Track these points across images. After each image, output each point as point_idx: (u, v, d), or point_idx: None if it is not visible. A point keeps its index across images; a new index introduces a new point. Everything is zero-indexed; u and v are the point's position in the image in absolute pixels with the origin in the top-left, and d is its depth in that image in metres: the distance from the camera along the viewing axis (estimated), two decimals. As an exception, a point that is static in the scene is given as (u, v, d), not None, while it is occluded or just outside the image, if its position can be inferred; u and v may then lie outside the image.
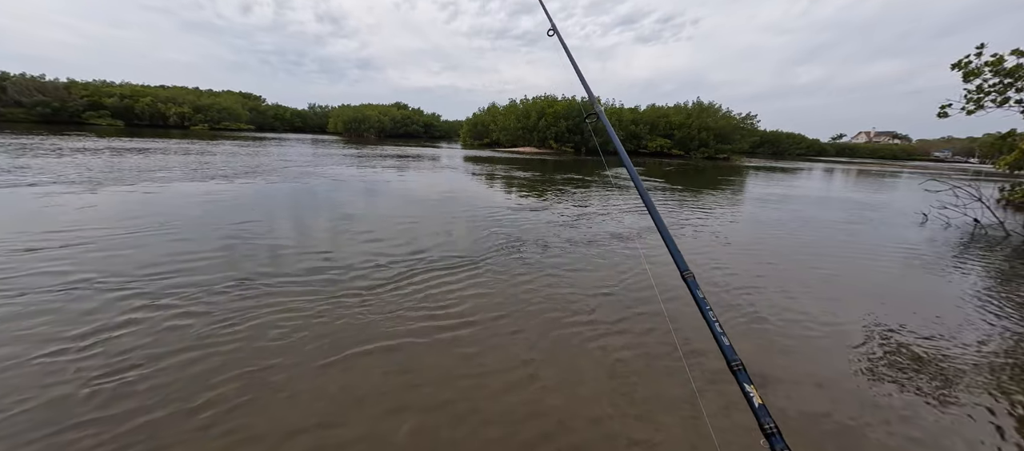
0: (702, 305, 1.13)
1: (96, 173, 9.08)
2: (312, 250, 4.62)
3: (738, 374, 0.99)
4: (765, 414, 0.92)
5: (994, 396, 2.55)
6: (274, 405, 2.15)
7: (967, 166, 48.06)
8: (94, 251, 4.18)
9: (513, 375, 2.52)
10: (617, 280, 4.18)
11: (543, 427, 2.11)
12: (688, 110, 38.50)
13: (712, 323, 1.09)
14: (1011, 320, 3.74)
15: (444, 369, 2.54)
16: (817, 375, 2.69)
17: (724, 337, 1.06)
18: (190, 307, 3.11)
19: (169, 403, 2.11)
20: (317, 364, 2.51)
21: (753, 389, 0.96)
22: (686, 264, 1.25)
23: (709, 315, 1.11)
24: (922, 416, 2.33)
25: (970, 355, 3.05)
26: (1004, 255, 6.21)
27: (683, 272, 1.23)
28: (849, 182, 19.75)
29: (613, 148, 1.72)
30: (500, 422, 2.13)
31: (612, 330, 3.13)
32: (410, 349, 2.73)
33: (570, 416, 2.19)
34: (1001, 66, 8.80)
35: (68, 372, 2.30)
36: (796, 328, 3.35)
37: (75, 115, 41.00)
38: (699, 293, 1.17)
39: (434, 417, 2.14)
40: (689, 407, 2.29)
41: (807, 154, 65.42)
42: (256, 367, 2.44)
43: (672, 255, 1.30)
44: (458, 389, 2.36)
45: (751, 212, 9.02)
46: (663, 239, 1.35)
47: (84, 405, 2.07)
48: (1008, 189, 12.52)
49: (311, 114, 67.46)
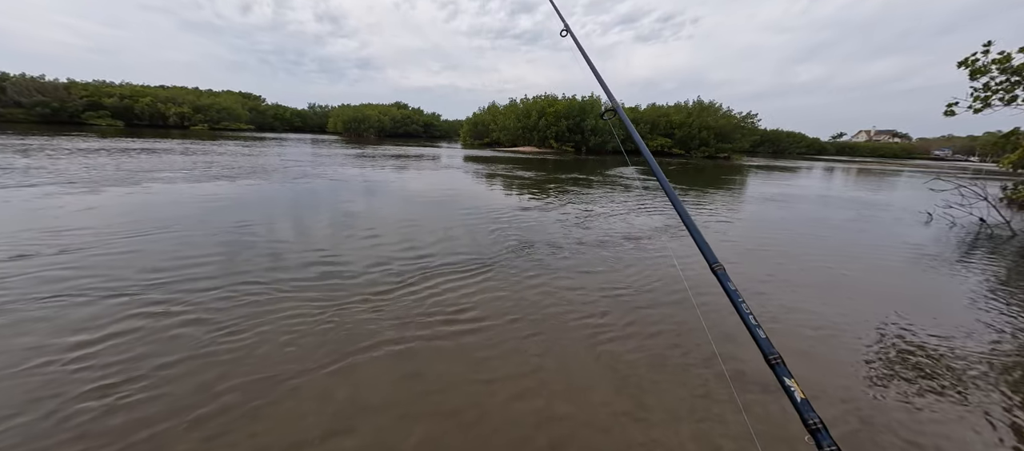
0: (734, 297, 1.07)
1: (96, 174, 9.02)
2: (316, 253, 4.56)
3: (776, 368, 0.93)
4: (809, 409, 0.86)
5: (1008, 396, 2.50)
6: (279, 414, 2.10)
7: (967, 164, 48.00)
8: (94, 255, 4.13)
9: (523, 382, 2.46)
10: (632, 281, 4.12)
11: (554, 434, 2.05)
12: (688, 109, 38.44)
13: (746, 315, 1.03)
14: (1021, 319, 3.69)
15: (454, 374, 2.48)
16: (828, 376, 2.63)
17: (760, 329, 1.00)
18: (192, 313, 3.06)
19: (172, 413, 2.05)
20: (324, 371, 2.46)
21: (794, 383, 0.89)
22: (715, 256, 1.20)
23: (742, 307, 1.04)
24: (936, 417, 2.28)
25: (981, 354, 2.99)
26: (1011, 254, 6.16)
27: (712, 264, 1.18)
28: (850, 181, 19.69)
29: (632, 146, 1.66)
30: (509, 430, 2.07)
31: (623, 334, 3.08)
32: (419, 354, 2.68)
33: (581, 424, 2.14)
34: (1009, 64, 8.71)
35: (65, 381, 2.24)
36: (805, 328, 3.30)
37: (75, 115, 40.94)
38: (731, 285, 1.10)
39: (442, 425, 2.08)
40: (713, 409, 2.23)
41: (807, 153, 65.35)
42: (261, 375, 2.39)
43: (700, 248, 1.25)
44: (467, 395, 2.31)
45: (754, 211, 8.96)
46: (689, 232, 1.30)
47: (84, 415, 2.01)
48: (1011, 188, 12.46)
49: (311, 114, 67.41)
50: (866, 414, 2.31)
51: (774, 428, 2.14)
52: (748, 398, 2.38)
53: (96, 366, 2.37)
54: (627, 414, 2.22)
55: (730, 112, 39.59)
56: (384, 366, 2.53)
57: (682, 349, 2.88)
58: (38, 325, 2.76)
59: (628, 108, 38.85)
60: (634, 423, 2.16)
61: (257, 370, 2.42)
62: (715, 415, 2.22)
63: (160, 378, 2.30)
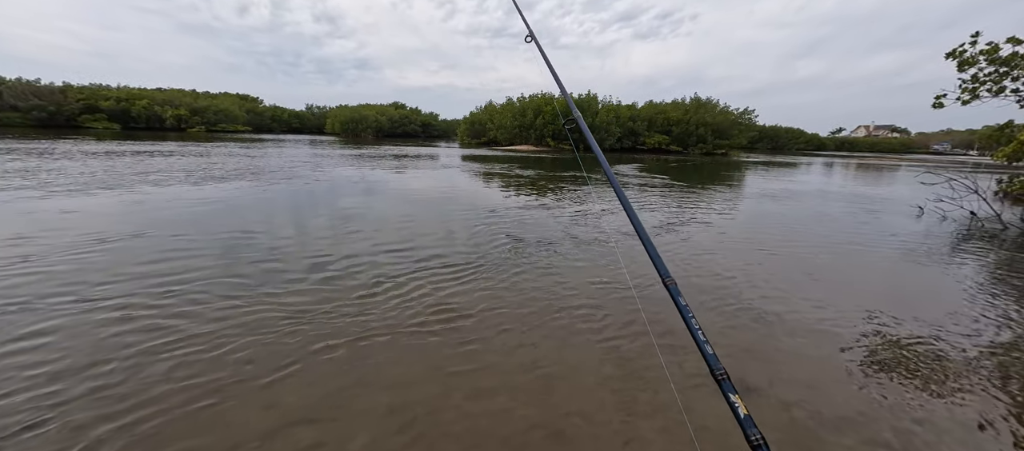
0: (685, 312, 1.08)
1: (93, 178, 9.02)
2: (314, 253, 4.56)
3: (722, 384, 0.94)
4: (751, 425, 0.87)
5: (993, 389, 2.50)
6: (219, 417, 2.10)
7: (966, 158, 47.94)
8: (59, 263, 4.13)
9: (520, 378, 2.47)
10: (623, 280, 4.12)
11: (533, 438, 2.06)
12: (685, 106, 38.40)
13: (695, 331, 1.04)
14: (1007, 313, 3.69)
15: (414, 376, 2.49)
16: (809, 373, 2.64)
17: (707, 345, 1.01)
18: (149, 318, 3.06)
19: (108, 418, 2.06)
20: (260, 382, 2.46)
21: (738, 399, 0.91)
22: (668, 270, 1.19)
23: (692, 323, 1.06)
24: (919, 411, 2.28)
25: (965, 348, 2.99)
26: (1001, 247, 6.16)
27: (664, 278, 1.18)
28: (848, 176, 19.68)
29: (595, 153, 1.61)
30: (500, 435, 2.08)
31: (617, 335, 3.08)
32: (374, 351, 2.68)
33: (566, 426, 2.14)
34: (996, 55, 8.71)
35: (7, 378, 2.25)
36: (789, 324, 3.30)
37: (71, 119, 40.87)
38: (681, 300, 1.11)
39: (386, 426, 2.09)
40: (675, 414, 2.24)
41: (806, 149, 65.30)
42: (208, 382, 2.39)
43: (653, 261, 1.24)
44: (428, 394, 2.31)
45: (748, 207, 8.96)
46: (643, 244, 1.28)
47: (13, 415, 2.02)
48: (1006, 181, 12.45)
49: (309, 115, 67.30)
50: (850, 409, 2.31)
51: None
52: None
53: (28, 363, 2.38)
54: (610, 414, 2.23)
55: (727, 108, 39.56)
56: (331, 368, 2.54)
57: (653, 347, 2.88)
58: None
59: (626, 106, 38.76)
60: (618, 423, 2.16)
61: (205, 374, 2.43)
62: (684, 417, 2.23)
63: (101, 383, 2.31)
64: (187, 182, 8.96)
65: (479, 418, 2.11)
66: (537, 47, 2.11)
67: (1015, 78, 8.73)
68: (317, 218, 6.27)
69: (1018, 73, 8.56)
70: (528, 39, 2.15)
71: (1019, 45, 8.79)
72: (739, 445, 1.99)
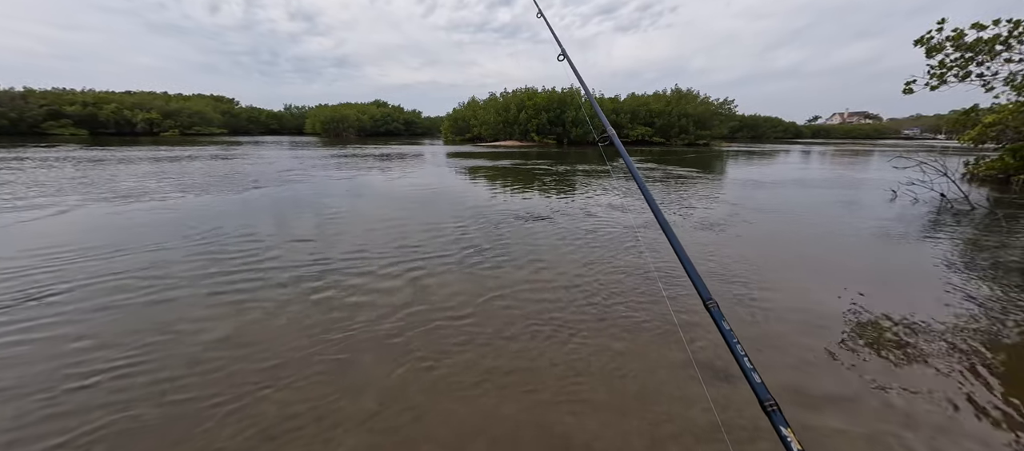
0: (729, 338, 0.98)
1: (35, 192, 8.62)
2: (307, 254, 4.45)
3: (772, 416, 0.86)
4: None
5: (962, 365, 2.59)
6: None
7: (935, 142, 49.80)
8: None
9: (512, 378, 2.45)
10: (656, 291, 4.13)
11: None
12: (667, 98, 38.85)
13: (741, 358, 0.94)
14: (975, 291, 3.83)
15: (393, 381, 2.45)
16: (793, 355, 2.68)
17: (755, 373, 0.92)
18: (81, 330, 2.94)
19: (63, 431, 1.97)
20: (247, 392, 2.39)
21: (791, 433, 0.84)
22: (709, 292, 1.09)
23: (737, 349, 0.96)
24: (900, 386, 2.34)
25: (934, 327, 3.09)
26: (968, 227, 6.40)
27: (706, 301, 1.07)
28: (824, 163, 20.21)
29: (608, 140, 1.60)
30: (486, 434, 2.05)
31: (619, 335, 3.08)
32: (355, 363, 2.63)
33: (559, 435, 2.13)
34: (962, 41, 9.03)
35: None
36: (770, 307, 3.35)
37: (35, 125, 39.10)
38: (725, 324, 1.02)
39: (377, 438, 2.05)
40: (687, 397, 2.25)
41: (785, 137, 66.95)
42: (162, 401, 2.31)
43: (693, 283, 1.13)
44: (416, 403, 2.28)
45: (729, 195, 9.11)
46: (682, 264, 1.17)
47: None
48: (972, 163, 12.95)
49: (287, 115, 65.87)
50: (828, 390, 2.36)
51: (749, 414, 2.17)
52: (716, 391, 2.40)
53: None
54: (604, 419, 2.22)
55: (708, 99, 40.19)
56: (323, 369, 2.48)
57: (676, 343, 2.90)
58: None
59: (609, 99, 39.03)
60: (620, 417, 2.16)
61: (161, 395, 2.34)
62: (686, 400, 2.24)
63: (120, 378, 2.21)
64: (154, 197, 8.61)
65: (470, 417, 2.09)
66: (570, 65, 2.15)
67: (979, 63, 9.09)
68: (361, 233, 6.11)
69: (982, 58, 8.92)
70: (560, 58, 2.19)
71: (982, 30, 9.15)
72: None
